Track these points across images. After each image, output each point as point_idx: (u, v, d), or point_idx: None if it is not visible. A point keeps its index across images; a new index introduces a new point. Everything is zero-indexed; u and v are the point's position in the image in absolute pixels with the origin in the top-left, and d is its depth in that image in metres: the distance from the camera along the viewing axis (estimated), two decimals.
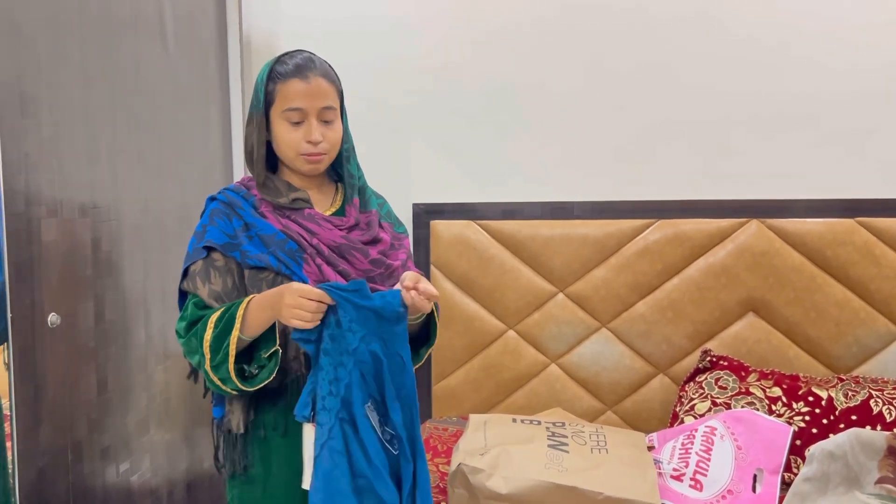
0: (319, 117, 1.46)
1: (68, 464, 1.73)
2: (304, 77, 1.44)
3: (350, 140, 1.55)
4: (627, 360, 2.32)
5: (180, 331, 1.43)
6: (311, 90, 1.44)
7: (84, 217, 1.79)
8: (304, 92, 1.44)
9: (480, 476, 1.62)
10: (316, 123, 1.45)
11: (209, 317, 1.39)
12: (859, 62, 2.23)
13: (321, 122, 1.46)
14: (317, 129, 1.45)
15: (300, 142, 1.46)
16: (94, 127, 1.83)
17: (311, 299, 1.31)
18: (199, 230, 1.47)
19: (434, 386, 2.42)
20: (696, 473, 1.79)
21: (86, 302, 1.79)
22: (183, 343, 1.43)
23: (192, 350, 1.40)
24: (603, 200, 2.34)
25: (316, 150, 1.46)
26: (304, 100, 1.44)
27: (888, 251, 2.18)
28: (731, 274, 2.25)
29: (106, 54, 1.87)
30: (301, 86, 1.44)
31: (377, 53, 2.44)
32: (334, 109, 1.48)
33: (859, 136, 2.25)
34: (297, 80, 1.44)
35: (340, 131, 1.50)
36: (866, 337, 2.20)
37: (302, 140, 1.45)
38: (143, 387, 2.02)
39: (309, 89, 1.44)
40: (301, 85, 1.44)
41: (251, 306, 1.37)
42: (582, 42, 2.35)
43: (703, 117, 2.31)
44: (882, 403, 1.93)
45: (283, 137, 1.47)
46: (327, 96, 1.46)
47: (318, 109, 1.45)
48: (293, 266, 1.43)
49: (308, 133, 1.45)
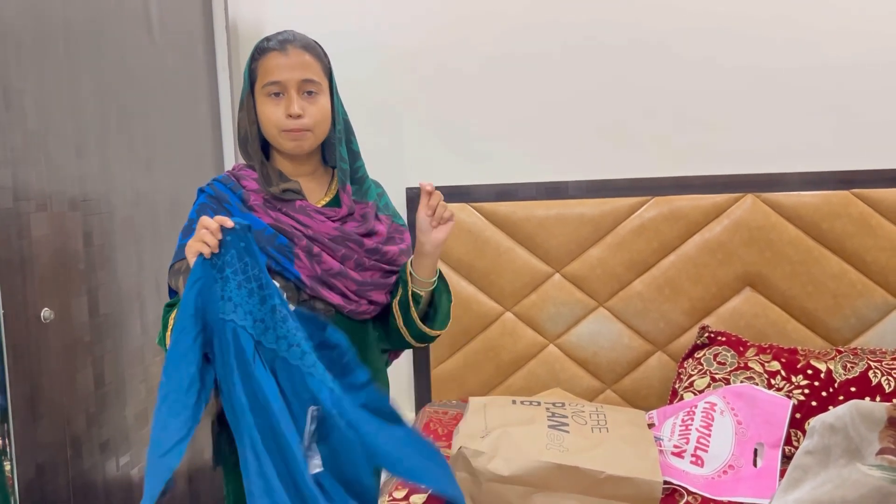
0: (300, 90, 1.42)
1: (67, 459, 1.72)
2: (283, 49, 1.42)
3: (343, 122, 1.51)
4: (626, 338, 2.32)
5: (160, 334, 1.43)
6: (289, 62, 1.41)
7: (74, 211, 1.77)
8: (282, 64, 1.41)
9: (482, 459, 1.62)
10: (296, 96, 1.42)
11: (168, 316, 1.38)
12: (850, 33, 2.22)
13: (303, 95, 1.43)
14: (296, 101, 1.41)
15: (281, 117, 1.42)
16: (81, 119, 1.81)
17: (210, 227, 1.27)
18: (186, 225, 1.45)
19: (433, 370, 2.42)
20: (697, 449, 1.79)
21: (79, 296, 1.78)
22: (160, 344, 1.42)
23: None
24: (597, 179, 2.33)
25: (297, 126, 1.42)
26: (283, 72, 1.41)
27: (884, 222, 2.18)
28: (728, 249, 2.24)
29: (91, 45, 1.84)
30: (280, 58, 1.41)
31: (366, 37, 2.41)
32: (317, 83, 1.44)
33: (852, 107, 2.24)
34: (275, 53, 1.42)
35: (326, 108, 1.46)
36: (864, 308, 2.20)
37: (282, 115, 1.42)
38: (141, 379, 2.02)
39: (287, 61, 1.41)
40: (280, 58, 1.41)
41: None
42: (574, 20, 2.32)
43: (695, 92, 2.30)
44: (881, 374, 1.93)
45: (264, 114, 1.44)
46: (308, 68, 1.43)
47: (298, 82, 1.41)
48: (283, 262, 1.42)
49: (288, 106, 1.41)
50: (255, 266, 1.31)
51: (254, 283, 1.31)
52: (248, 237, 1.30)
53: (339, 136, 1.50)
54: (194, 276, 1.29)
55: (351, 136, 1.54)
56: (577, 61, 2.34)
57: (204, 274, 1.29)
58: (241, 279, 1.30)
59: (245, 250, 1.30)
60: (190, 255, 1.29)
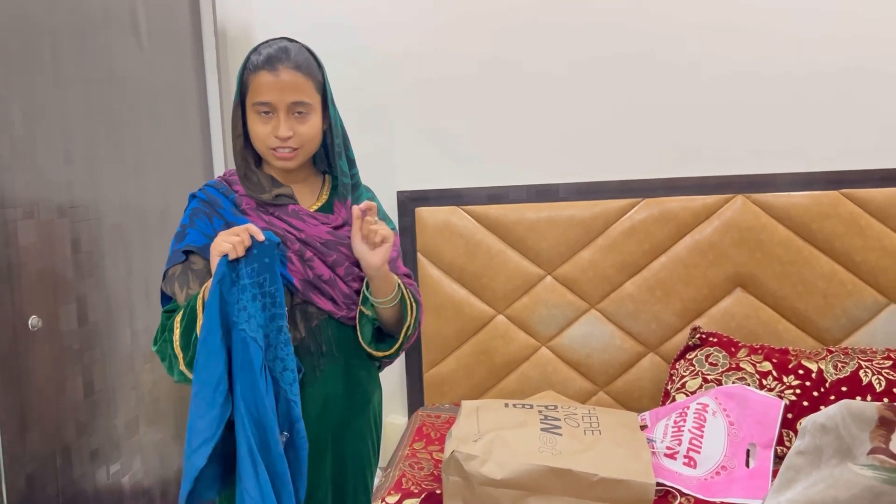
0: (289, 111, 1.41)
1: (57, 468, 1.71)
2: (273, 69, 1.39)
3: (342, 135, 1.50)
4: (617, 340, 2.32)
5: (155, 338, 1.42)
6: (279, 84, 1.39)
7: (62, 217, 1.76)
8: (271, 85, 1.39)
9: (474, 462, 1.61)
10: (285, 118, 1.40)
11: (173, 319, 1.38)
12: (837, 33, 2.23)
13: (292, 117, 1.41)
14: (285, 123, 1.40)
15: (269, 136, 1.42)
16: (69, 125, 1.79)
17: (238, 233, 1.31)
18: (179, 230, 1.45)
19: (425, 373, 2.41)
20: (690, 451, 1.79)
21: (68, 304, 1.76)
22: (157, 351, 1.42)
23: (164, 355, 1.39)
24: (588, 181, 2.33)
25: (284, 146, 1.42)
26: (272, 93, 1.39)
27: (873, 222, 2.18)
28: (718, 250, 2.25)
29: (78, 51, 1.83)
30: (269, 78, 1.39)
31: (356, 41, 2.41)
32: (307, 104, 1.42)
33: (840, 108, 2.25)
34: (265, 73, 1.39)
35: (317, 126, 1.45)
36: (854, 308, 2.21)
37: (270, 134, 1.41)
38: (132, 386, 2.00)
39: (277, 83, 1.39)
40: (269, 77, 1.39)
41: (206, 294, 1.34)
42: (564, 24, 2.33)
43: (685, 94, 2.30)
44: (871, 374, 1.94)
45: (254, 130, 1.44)
46: (299, 90, 1.40)
47: (287, 104, 1.40)
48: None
49: (276, 128, 1.40)
50: (273, 283, 1.33)
51: (268, 299, 1.33)
52: (274, 254, 1.33)
53: (338, 151, 1.50)
54: (218, 275, 1.30)
55: (348, 144, 1.54)
56: (567, 65, 2.34)
57: (227, 275, 1.31)
58: (256, 292, 1.32)
59: (267, 266, 1.32)
60: (214, 254, 1.31)
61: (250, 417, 1.31)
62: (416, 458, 1.95)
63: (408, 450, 2.01)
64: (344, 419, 1.54)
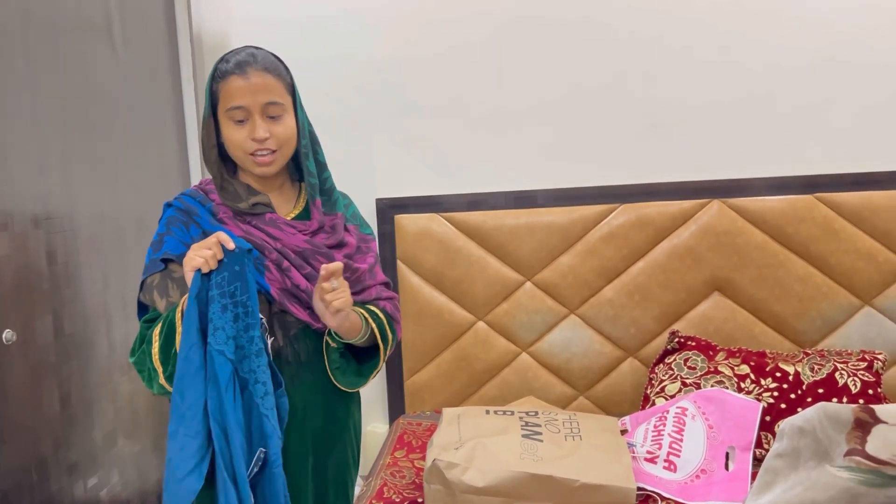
0: (264, 114, 1.40)
1: (33, 483, 1.68)
2: (243, 73, 1.39)
3: (309, 136, 1.50)
4: (597, 345, 2.33)
5: (132, 349, 1.40)
6: (251, 86, 1.39)
7: (37, 229, 1.73)
8: (244, 89, 1.39)
9: (456, 471, 1.62)
10: (260, 120, 1.40)
11: (152, 331, 1.36)
12: (810, 38, 2.26)
13: (267, 119, 1.41)
14: (261, 126, 1.40)
15: (246, 141, 1.41)
16: (43, 135, 1.77)
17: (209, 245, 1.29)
18: (155, 239, 1.43)
19: (406, 381, 2.41)
20: (670, 454, 1.80)
21: (43, 316, 1.74)
22: (134, 362, 1.40)
23: (143, 367, 1.38)
24: (566, 187, 2.34)
25: (262, 148, 1.41)
26: (245, 97, 1.39)
27: (847, 225, 2.21)
28: (696, 255, 2.27)
29: (52, 59, 1.81)
30: (240, 82, 1.39)
31: (333, 49, 2.40)
32: (280, 104, 1.42)
33: (813, 113, 2.28)
34: (235, 77, 1.39)
35: (291, 127, 1.44)
36: (829, 310, 2.23)
37: (247, 139, 1.41)
38: (109, 399, 1.98)
39: (249, 86, 1.39)
40: (240, 81, 1.39)
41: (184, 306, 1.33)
42: (541, 30, 2.34)
43: (660, 99, 2.32)
44: (847, 375, 1.97)
45: (229, 138, 1.42)
46: (270, 91, 1.41)
47: (261, 105, 1.40)
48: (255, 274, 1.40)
49: (252, 131, 1.40)
50: (244, 292, 1.30)
51: (240, 309, 1.30)
52: (245, 261, 1.30)
53: (304, 151, 1.49)
54: (194, 289, 1.28)
55: (317, 147, 1.53)
56: (544, 71, 2.35)
57: (202, 288, 1.29)
58: (227, 302, 1.29)
59: (238, 274, 1.30)
60: (187, 269, 1.29)
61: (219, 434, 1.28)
62: (398, 466, 1.95)
63: (389, 458, 2.01)
64: (323, 428, 1.53)
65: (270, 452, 1.32)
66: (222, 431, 1.28)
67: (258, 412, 1.32)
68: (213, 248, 1.29)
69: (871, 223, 2.20)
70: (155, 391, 1.38)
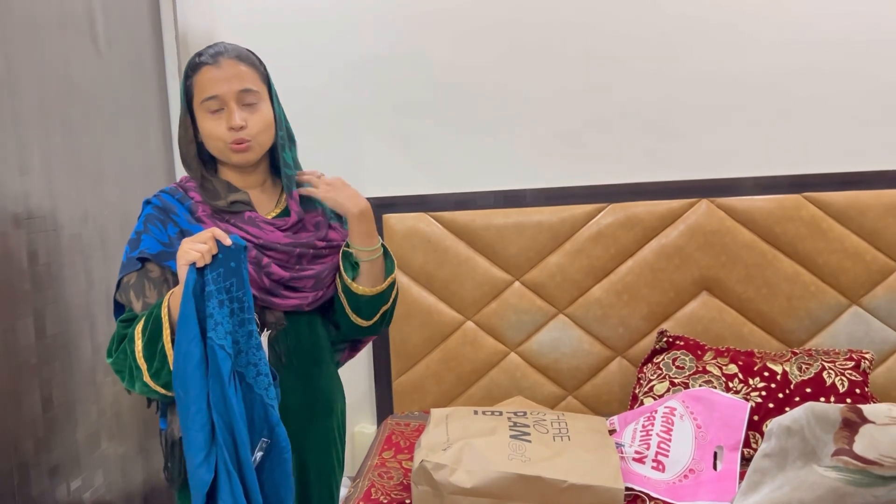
0: (239, 101, 1.39)
1: (14, 487, 1.65)
2: (215, 63, 1.39)
3: (285, 128, 1.48)
4: (585, 344, 2.32)
5: (109, 350, 1.38)
6: (224, 74, 1.38)
7: (18, 229, 1.71)
8: (217, 77, 1.38)
9: (444, 472, 1.60)
10: (236, 108, 1.39)
11: (133, 329, 1.34)
12: (798, 37, 2.26)
13: (242, 107, 1.40)
14: (237, 113, 1.39)
15: (223, 131, 1.40)
16: (23, 134, 1.75)
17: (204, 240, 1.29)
18: (133, 237, 1.41)
19: (394, 381, 2.39)
20: (658, 454, 1.80)
21: (25, 318, 1.72)
22: (112, 362, 1.38)
23: (122, 367, 1.36)
24: (554, 187, 2.34)
25: (240, 136, 1.40)
26: (219, 85, 1.38)
27: (835, 224, 2.22)
28: (684, 254, 2.26)
29: (33, 57, 1.79)
30: (213, 72, 1.38)
31: (320, 48, 2.39)
32: (255, 92, 1.41)
33: (801, 112, 2.28)
34: (208, 68, 1.39)
35: (268, 116, 1.43)
36: (817, 310, 2.24)
37: (225, 129, 1.39)
38: (92, 400, 1.96)
39: (222, 74, 1.38)
40: (213, 71, 1.38)
41: (171, 302, 1.32)
42: (529, 27, 2.33)
43: (648, 99, 2.32)
44: (835, 375, 1.97)
45: (206, 130, 1.41)
46: (244, 79, 1.40)
47: (236, 93, 1.39)
48: None
49: (229, 119, 1.39)
50: (240, 287, 1.31)
51: (235, 304, 1.32)
52: (241, 257, 1.31)
53: (281, 143, 1.47)
54: (189, 284, 1.28)
55: (293, 139, 1.51)
56: (532, 69, 2.34)
57: (198, 283, 1.29)
58: (224, 297, 1.30)
59: (234, 270, 1.31)
60: (182, 262, 1.28)
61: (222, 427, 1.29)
62: (386, 467, 1.94)
63: (377, 459, 1.99)
64: (304, 429, 1.52)
65: (280, 440, 1.35)
66: (226, 424, 1.29)
67: (261, 403, 1.34)
68: (209, 242, 1.28)
69: (858, 222, 2.21)
70: (136, 390, 1.36)
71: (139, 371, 1.33)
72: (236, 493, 1.28)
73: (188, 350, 1.28)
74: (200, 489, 1.28)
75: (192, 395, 1.28)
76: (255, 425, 1.34)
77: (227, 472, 1.28)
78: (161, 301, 1.33)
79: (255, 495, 1.30)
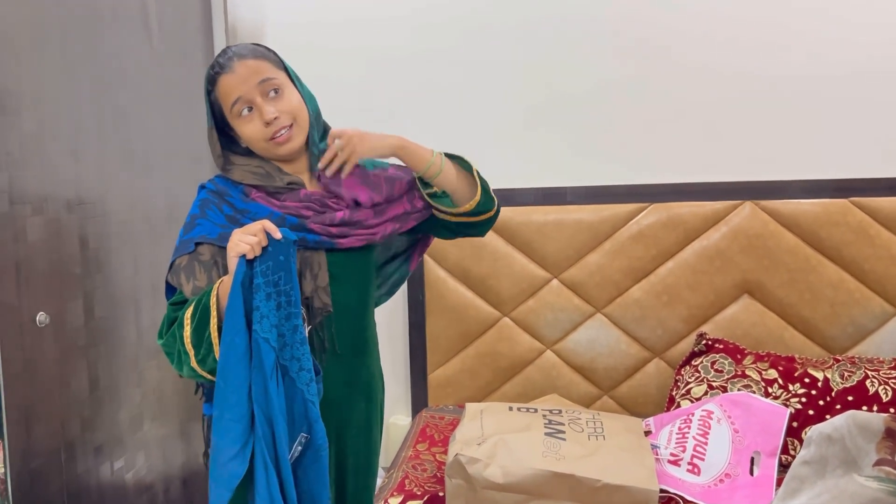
0: (263, 94, 1.42)
1: (62, 463, 1.71)
2: (229, 69, 1.42)
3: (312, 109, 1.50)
4: (623, 345, 2.31)
5: (160, 332, 1.42)
6: (240, 76, 1.41)
7: (71, 214, 1.76)
8: (234, 81, 1.41)
9: (478, 466, 1.61)
10: (262, 101, 1.42)
11: (183, 314, 1.37)
12: (852, 40, 2.21)
13: (268, 99, 1.42)
14: (265, 106, 1.41)
15: (261, 129, 1.42)
16: (78, 122, 1.80)
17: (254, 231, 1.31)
18: (187, 221, 1.44)
19: (430, 374, 2.41)
20: (694, 458, 1.79)
21: (75, 300, 1.77)
22: (162, 344, 1.40)
23: (171, 350, 1.38)
24: (596, 185, 2.32)
25: (277, 127, 1.42)
26: (239, 86, 1.41)
27: (882, 231, 2.17)
28: (726, 257, 2.24)
29: (88, 48, 1.84)
30: (230, 78, 1.42)
31: (367, 41, 2.40)
32: (273, 79, 1.43)
33: (852, 116, 2.24)
34: (223, 77, 1.42)
35: (295, 98, 1.45)
36: (861, 317, 2.19)
37: (261, 126, 1.42)
38: (136, 383, 2.01)
39: (238, 77, 1.41)
40: (230, 77, 1.42)
41: (220, 290, 1.34)
42: (572, 24, 2.32)
43: (696, 99, 2.29)
44: (878, 384, 1.93)
45: (245, 135, 1.44)
46: (259, 71, 1.42)
47: (256, 87, 1.41)
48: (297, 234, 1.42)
49: (261, 115, 1.42)
50: (287, 281, 1.33)
51: (283, 298, 1.33)
52: (290, 251, 1.33)
53: (311, 122, 1.49)
54: (239, 275, 1.30)
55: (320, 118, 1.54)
56: (576, 67, 2.33)
57: (247, 275, 1.31)
58: (271, 291, 1.32)
59: (283, 263, 1.32)
60: (232, 254, 1.31)
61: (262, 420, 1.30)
62: (420, 459, 1.95)
63: (411, 451, 2.01)
64: (346, 418, 1.53)
65: (318, 437, 1.35)
66: (266, 417, 1.30)
67: (302, 398, 1.35)
68: (259, 234, 1.31)
69: None
70: (184, 374, 1.39)
71: (187, 356, 1.35)
72: (272, 487, 1.28)
73: (232, 341, 1.29)
74: (229, 483, 1.28)
75: (233, 385, 1.29)
76: (295, 421, 1.35)
77: (265, 466, 1.29)
78: (211, 288, 1.36)
79: (290, 491, 1.31)
